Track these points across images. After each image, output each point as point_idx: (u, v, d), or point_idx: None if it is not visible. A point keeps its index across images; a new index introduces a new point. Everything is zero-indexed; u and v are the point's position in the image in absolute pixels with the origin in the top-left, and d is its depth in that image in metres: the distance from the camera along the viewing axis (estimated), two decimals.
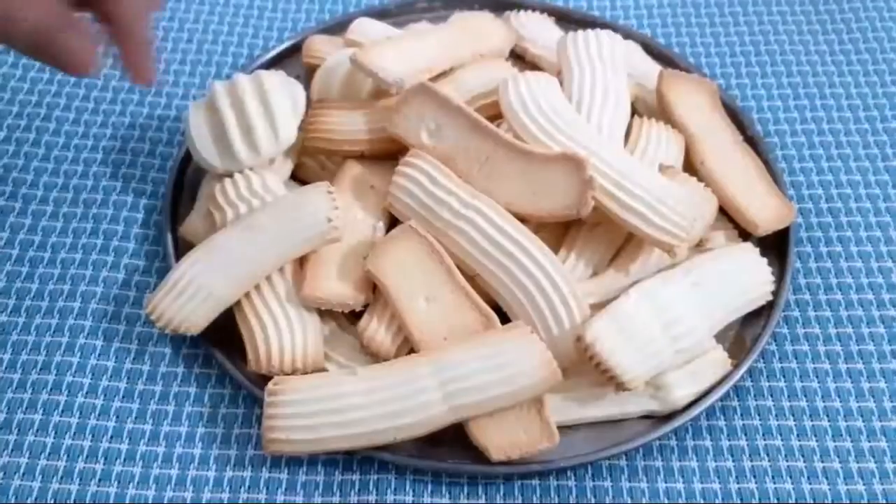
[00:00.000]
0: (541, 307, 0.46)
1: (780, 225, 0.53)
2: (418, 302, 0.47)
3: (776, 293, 0.51)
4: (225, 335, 0.49)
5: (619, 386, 0.45)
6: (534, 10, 0.66)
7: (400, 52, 0.54)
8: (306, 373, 0.47)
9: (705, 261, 0.49)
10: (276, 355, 0.46)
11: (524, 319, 0.47)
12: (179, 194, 0.56)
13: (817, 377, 0.50)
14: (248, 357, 0.47)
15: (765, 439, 0.47)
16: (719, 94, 0.59)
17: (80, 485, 0.45)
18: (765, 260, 0.51)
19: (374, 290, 0.49)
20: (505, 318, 0.47)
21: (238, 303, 0.48)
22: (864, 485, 0.45)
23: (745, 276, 0.50)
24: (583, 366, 0.46)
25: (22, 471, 0.45)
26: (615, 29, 0.63)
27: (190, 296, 0.47)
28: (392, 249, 0.47)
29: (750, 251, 0.51)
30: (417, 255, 0.47)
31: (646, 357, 0.45)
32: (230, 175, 0.52)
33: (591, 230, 0.51)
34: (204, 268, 0.47)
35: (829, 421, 0.48)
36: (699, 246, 0.52)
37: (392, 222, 0.51)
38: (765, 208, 0.53)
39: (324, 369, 0.47)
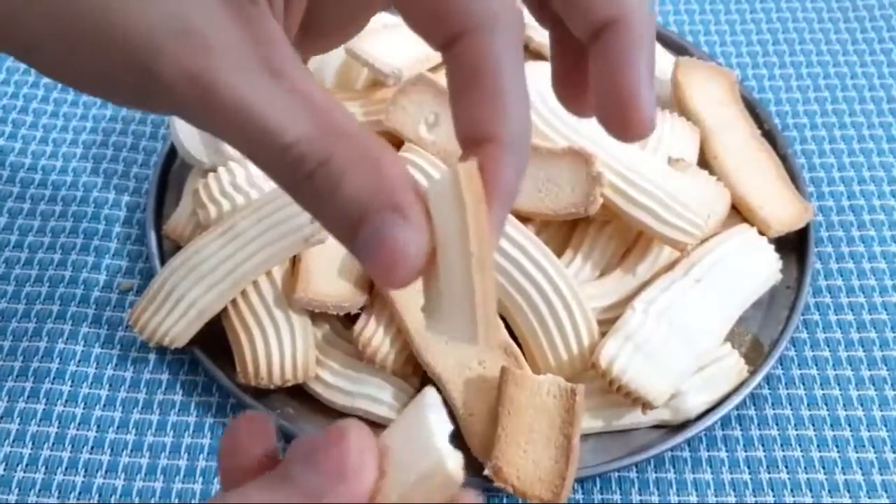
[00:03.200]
0: (542, 312, 0.46)
1: (796, 226, 0.53)
2: (419, 303, 0.46)
3: (795, 296, 0.51)
4: (213, 339, 0.48)
5: (647, 405, 0.45)
6: None
7: (397, 42, 0.54)
8: (297, 383, 0.47)
9: (703, 253, 0.49)
10: (263, 368, 0.46)
11: (524, 324, 0.47)
12: (164, 191, 0.56)
13: (839, 384, 0.49)
14: (237, 369, 0.47)
15: (783, 450, 0.47)
16: (738, 85, 0.59)
17: (58, 497, 0.45)
18: (764, 238, 0.50)
19: (370, 291, 0.49)
20: (506, 321, 0.47)
21: (225, 310, 0.48)
22: (888, 498, 0.45)
23: (748, 259, 0.49)
24: (588, 373, 0.46)
25: None
26: None
27: (172, 307, 0.47)
28: None
29: (748, 232, 0.50)
30: None
31: (666, 370, 0.45)
32: (216, 171, 0.52)
33: (599, 229, 0.51)
34: (185, 277, 0.47)
35: (851, 431, 0.48)
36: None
37: None
38: (779, 208, 0.53)
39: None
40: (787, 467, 0.46)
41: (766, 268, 0.50)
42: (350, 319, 0.49)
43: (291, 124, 0.22)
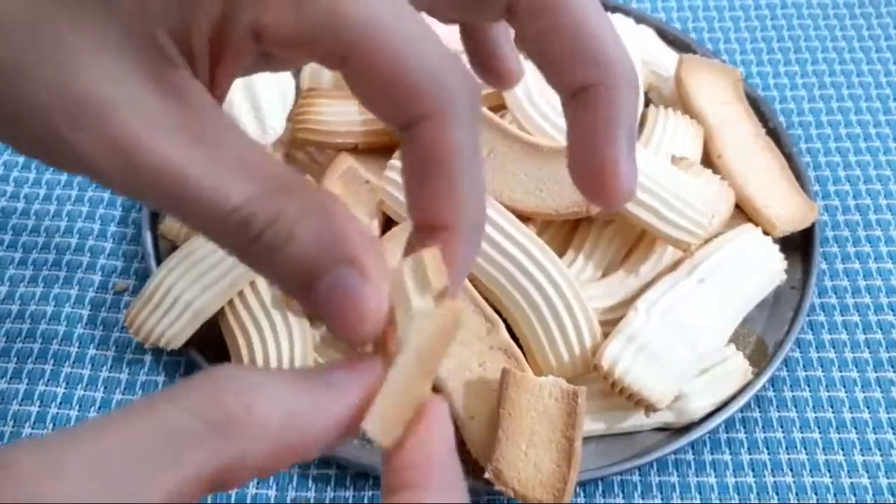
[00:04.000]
0: (543, 313, 0.46)
1: (801, 225, 0.53)
2: None
3: (800, 297, 0.51)
4: (209, 341, 0.48)
5: (649, 408, 0.45)
6: None
7: None
8: None
9: (707, 253, 0.49)
10: None
11: (525, 325, 0.47)
12: None
13: (844, 386, 0.49)
14: None
15: (788, 453, 0.47)
16: (742, 83, 0.59)
17: None
18: (769, 238, 0.51)
19: None
20: (507, 322, 0.47)
21: (221, 311, 0.48)
22: (894, 501, 0.45)
23: (753, 260, 0.49)
24: (590, 375, 0.46)
25: None
26: (627, 13, 0.63)
27: (168, 308, 0.47)
28: (393, 247, 0.47)
29: (752, 232, 0.51)
30: None
31: (669, 371, 0.45)
32: None
33: (601, 229, 0.51)
34: (181, 277, 0.47)
35: (857, 433, 0.48)
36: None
37: (388, 220, 0.51)
38: (784, 207, 0.53)
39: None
40: (791, 470, 0.46)
41: (771, 268, 0.50)
42: None
43: (232, 188, 0.21)
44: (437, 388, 0.46)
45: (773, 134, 0.58)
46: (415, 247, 0.24)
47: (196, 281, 0.47)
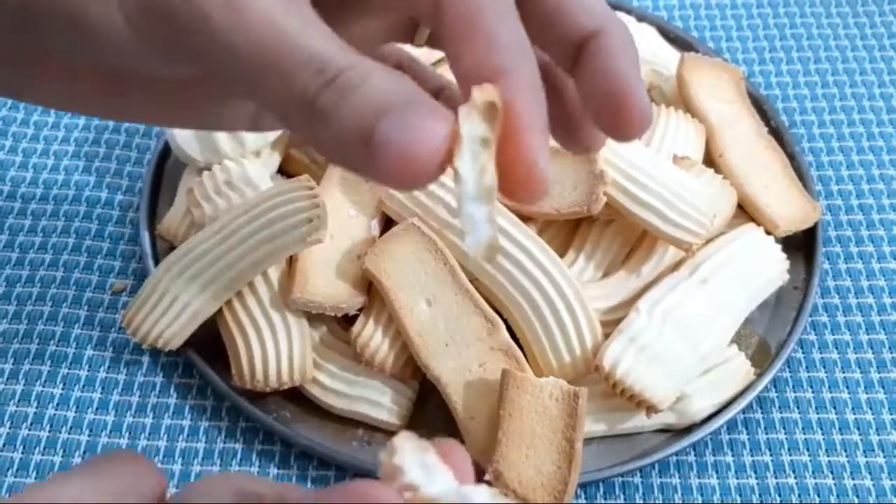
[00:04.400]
0: (544, 313, 0.46)
1: (804, 225, 0.53)
2: (419, 304, 0.46)
3: (803, 297, 0.51)
4: (208, 341, 0.48)
5: (651, 409, 0.45)
6: None
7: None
8: (294, 386, 0.47)
9: (709, 253, 0.49)
10: (259, 370, 0.46)
11: (526, 325, 0.47)
12: (158, 190, 0.56)
13: (847, 387, 0.49)
14: (233, 371, 0.47)
15: (790, 455, 0.47)
16: (744, 81, 0.59)
17: None
18: (771, 238, 0.50)
19: (368, 292, 0.48)
20: (508, 322, 0.47)
21: (220, 311, 0.48)
22: None
23: (755, 260, 0.49)
24: (591, 376, 0.46)
25: None
26: (628, 11, 0.63)
27: (166, 308, 0.47)
28: (393, 247, 0.47)
29: (754, 231, 0.50)
30: (420, 253, 0.47)
31: (670, 372, 0.45)
32: (211, 169, 0.51)
33: (602, 229, 0.50)
34: (179, 277, 0.47)
35: (860, 435, 0.48)
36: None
37: (387, 220, 0.51)
38: (787, 206, 0.53)
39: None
40: (794, 472, 0.46)
41: (773, 268, 0.50)
42: (348, 321, 0.48)
43: (316, 42, 0.23)
44: (436, 390, 0.46)
45: (776, 133, 0.58)
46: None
47: (194, 281, 0.47)
